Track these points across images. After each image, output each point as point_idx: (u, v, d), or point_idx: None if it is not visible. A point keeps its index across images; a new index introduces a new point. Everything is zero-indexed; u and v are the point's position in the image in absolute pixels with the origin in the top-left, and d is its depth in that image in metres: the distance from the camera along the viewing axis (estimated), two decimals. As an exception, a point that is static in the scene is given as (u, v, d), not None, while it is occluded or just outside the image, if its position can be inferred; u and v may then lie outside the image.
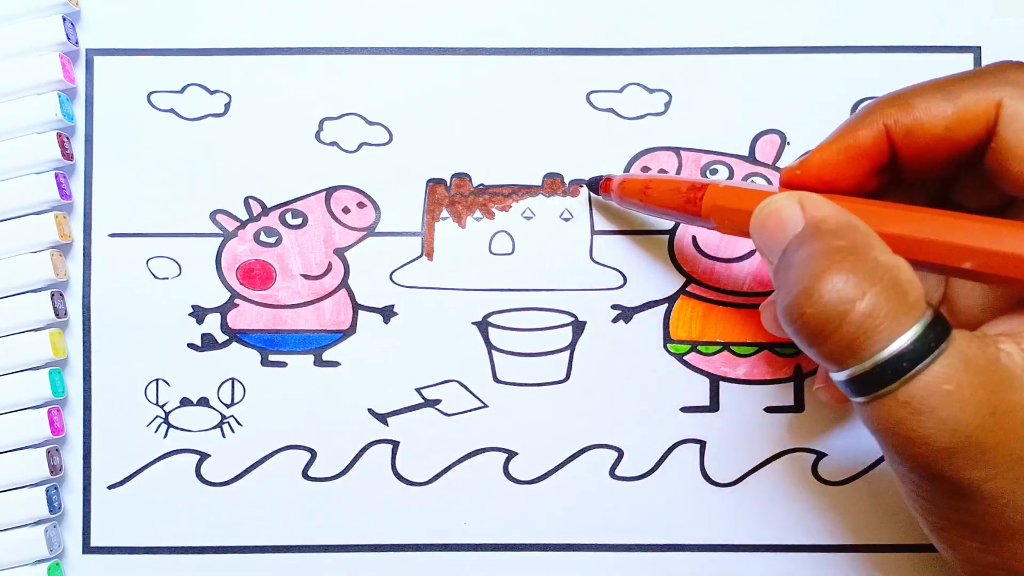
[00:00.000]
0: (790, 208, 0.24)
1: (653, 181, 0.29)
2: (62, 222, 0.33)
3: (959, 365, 0.21)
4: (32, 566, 0.32)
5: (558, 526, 0.33)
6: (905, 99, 0.24)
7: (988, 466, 0.21)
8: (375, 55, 0.33)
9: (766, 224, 0.24)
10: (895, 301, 0.21)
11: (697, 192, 0.27)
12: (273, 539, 0.33)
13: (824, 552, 0.33)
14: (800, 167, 0.26)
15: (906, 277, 0.21)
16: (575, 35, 0.33)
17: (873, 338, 0.21)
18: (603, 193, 0.32)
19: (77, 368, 0.33)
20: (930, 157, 0.24)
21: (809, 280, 0.21)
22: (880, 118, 0.24)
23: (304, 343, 0.33)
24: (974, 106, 0.23)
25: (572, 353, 0.33)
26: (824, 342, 0.21)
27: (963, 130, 0.23)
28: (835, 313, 0.21)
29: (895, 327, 0.21)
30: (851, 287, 0.21)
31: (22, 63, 0.32)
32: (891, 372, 0.21)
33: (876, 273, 0.21)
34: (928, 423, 0.21)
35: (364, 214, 0.33)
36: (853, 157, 0.25)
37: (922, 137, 0.24)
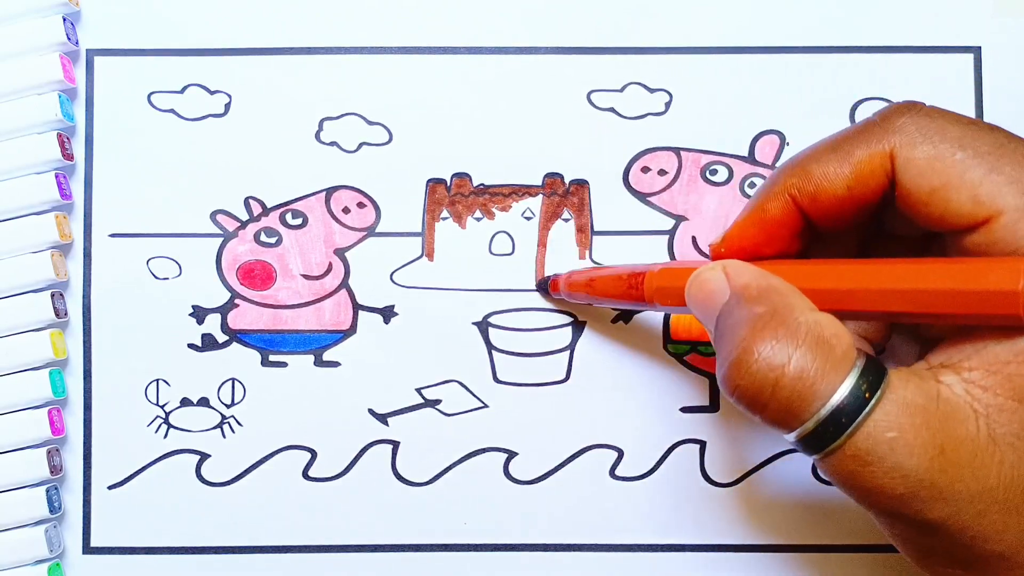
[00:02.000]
0: (716, 278, 0.24)
1: (596, 276, 0.30)
2: (62, 222, 0.33)
3: (898, 410, 0.21)
4: (32, 566, 0.32)
5: (558, 526, 0.33)
6: (803, 167, 0.24)
7: (947, 504, 0.21)
8: (375, 55, 0.33)
9: (697, 296, 0.25)
10: (822, 358, 0.21)
11: (637, 278, 0.28)
12: (273, 539, 0.33)
13: (824, 552, 0.33)
14: (723, 243, 0.26)
15: (830, 332, 0.22)
16: (576, 35, 0.33)
17: (808, 399, 0.21)
18: (552, 291, 0.32)
19: (77, 368, 0.33)
20: (840, 215, 0.24)
21: (737, 352, 0.22)
22: (784, 190, 0.25)
23: (304, 343, 0.33)
24: (868, 162, 0.23)
25: (572, 353, 0.33)
26: (763, 410, 0.22)
27: (863, 186, 0.23)
28: (766, 381, 0.21)
29: (827, 384, 0.21)
30: (776, 353, 0.21)
31: (22, 63, 0.32)
32: (832, 429, 0.21)
33: (799, 334, 0.21)
34: (878, 472, 0.21)
35: (364, 214, 0.33)
36: (768, 229, 0.25)
37: (827, 201, 0.24)
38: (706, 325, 0.25)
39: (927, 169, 0.22)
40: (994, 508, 0.21)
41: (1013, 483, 0.21)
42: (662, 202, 0.33)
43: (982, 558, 0.22)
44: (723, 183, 0.33)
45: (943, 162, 0.22)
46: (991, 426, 0.21)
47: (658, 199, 0.33)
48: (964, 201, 0.22)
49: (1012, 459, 0.21)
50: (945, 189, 0.22)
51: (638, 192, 0.33)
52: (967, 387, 0.21)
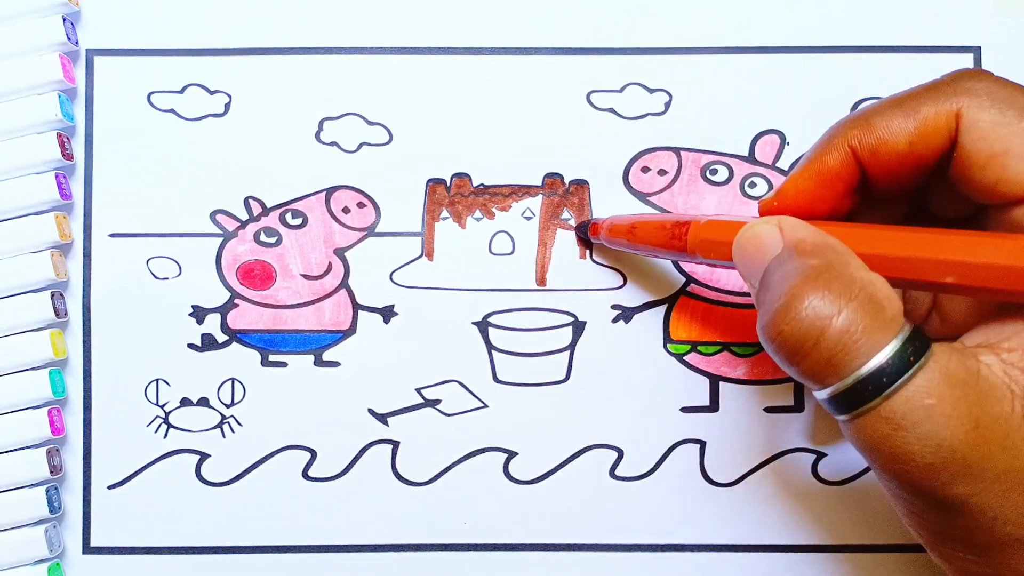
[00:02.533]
0: (769, 232, 0.24)
1: (639, 222, 0.30)
2: (62, 222, 0.33)
3: (940, 379, 0.21)
4: (32, 566, 0.32)
5: (558, 526, 0.33)
6: (867, 119, 0.24)
7: (974, 480, 0.21)
8: (375, 55, 0.33)
9: (747, 249, 0.25)
10: (872, 317, 0.21)
11: (681, 228, 0.28)
12: (273, 539, 0.33)
13: (824, 552, 0.33)
14: (776, 197, 0.26)
15: (883, 293, 0.21)
16: (575, 35, 0.33)
17: (851, 355, 0.21)
18: (592, 236, 0.32)
19: (77, 368, 0.33)
20: (898, 173, 0.24)
21: (786, 298, 0.22)
22: (845, 141, 0.24)
23: (304, 343, 0.33)
24: (934, 119, 0.23)
25: (572, 353, 0.33)
26: (803, 360, 0.21)
27: (926, 144, 0.23)
28: (812, 331, 0.21)
29: (873, 343, 0.21)
30: (827, 304, 0.21)
31: (22, 63, 0.32)
32: (871, 389, 0.21)
33: (852, 290, 0.21)
34: (911, 439, 0.21)
35: (364, 214, 0.33)
36: (825, 182, 0.25)
37: (887, 155, 0.24)
38: (750, 280, 0.25)
39: (990, 133, 0.22)
40: (1019, 489, 0.21)
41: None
42: (662, 202, 0.33)
43: (998, 543, 0.21)
44: (723, 183, 0.33)
45: (1008, 128, 0.22)
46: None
47: (658, 199, 0.33)
48: (1022, 170, 0.22)
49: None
50: (1005, 155, 0.22)
51: (638, 192, 0.33)
52: (1005, 368, 0.21)
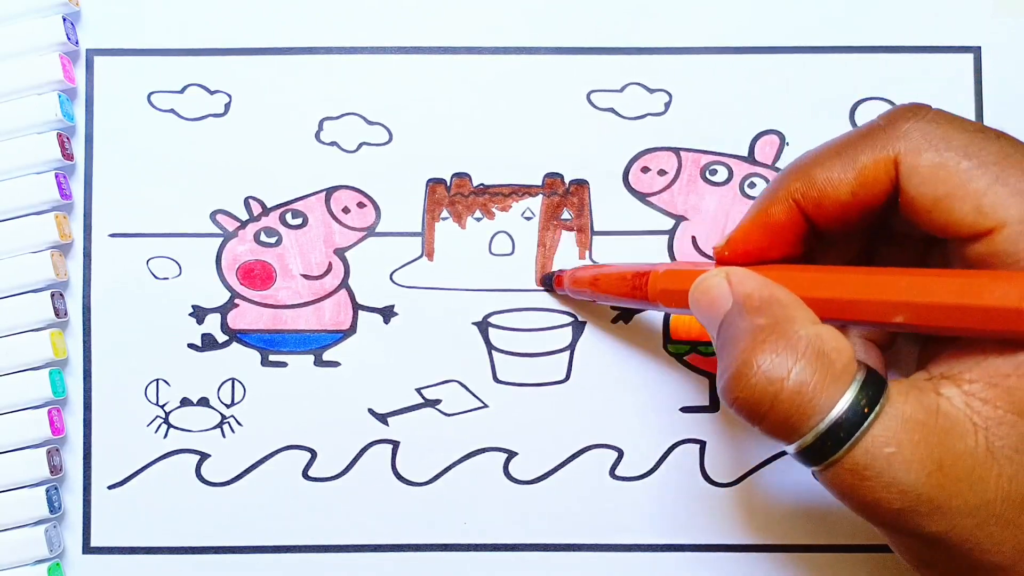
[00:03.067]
0: (719, 285, 0.24)
1: (602, 275, 0.30)
2: (62, 222, 0.33)
3: (897, 425, 0.21)
4: (32, 566, 0.32)
5: (558, 526, 0.33)
6: (807, 172, 0.24)
7: (945, 518, 0.21)
8: (375, 55, 0.33)
9: (701, 302, 0.25)
10: (821, 372, 0.21)
11: (641, 279, 0.28)
12: (273, 539, 0.33)
13: (824, 552, 0.33)
14: (727, 247, 0.26)
15: (831, 345, 0.22)
16: (575, 35, 0.33)
17: (806, 413, 0.21)
18: (556, 287, 0.32)
19: (77, 368, 0.33)
20: (844, 220, 0.24)
21: (737, 364, 0.22)
22: (788, 195, 0.24)
23: (304, 343, 0.33)
24: (873, 168, 0.23)
25: (572, 353, 0.33)
26: (762, 422, 0.22)
27: (868, 192, 0.23)
28: (765, 394, 0.21)
29: (826, 398, 0.21)
30: (776, 366, 0.21)
31: (22, 63, 0.32)
32: (831, 443, 0.21)
33: (799, 348, 0.21)
34: (877, 487, 0.21)
35: (364, 214, 0.33)
36: (771, 233, 0.25)
37: (831, 206, 0.24)
38: (709, 331, 0.25)
39: (931, 177, 0.22)
40: (992, 521, 0.21)
41: (1011, 496, 0.21)
42: (662, 202, 0.33)
43: (981, 569, 0.22)
44: (723, 183, 0.33)
45: (947, 171, 0.22)
46: (990, 439, 0.21)
47: (658, 199, 0.33)
48: (968, 211, 0.22)
49: (1010, 472, 0.21)
50: (949, 199, 0.22)
51: (638, 192, 0.33)
52: (967, 399, 0.21)
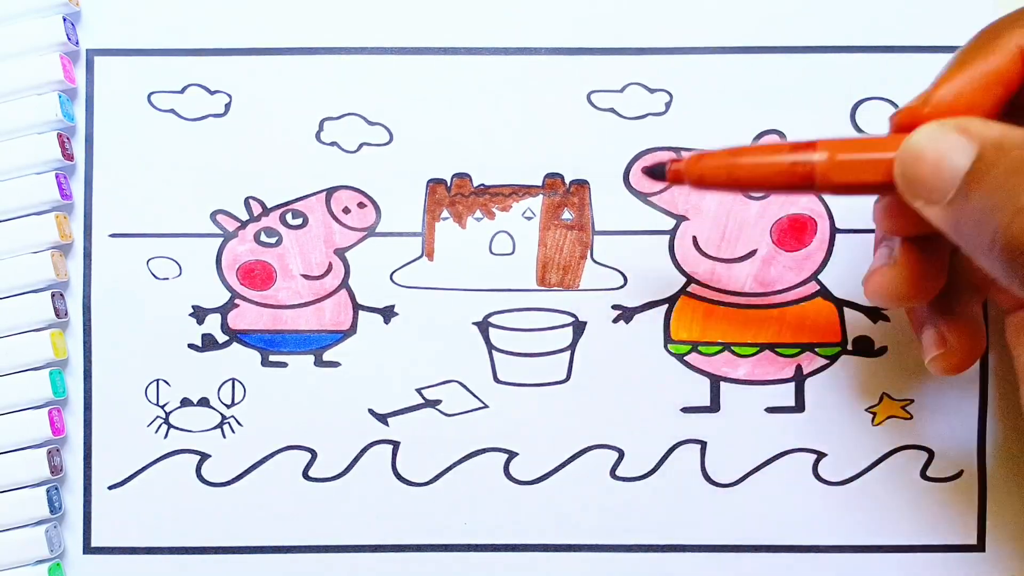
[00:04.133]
0: (950, 139, 0.20)
1: (740, 161, 0.24)
2: (62, 222, 0.33)
3: None
4: (33, 566, 0.32)
5: (559, 526, 0.33)
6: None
7: None
8: (375, 55, 0.33)
9: (922, 168, 0.21)
10: None
11: (803, 164, 0.23)
12: (273, 539, 0.33)
13: (824, 552, 0.33)
14: (926, 103, 0.22)
15: None
16: (576, 35, 0.33)
17: None
18: (673, 181, 0.26)
19: (77, 368, 0.33)
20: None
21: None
22: (1013, 40, 0.21)
23: (304, 343, 0.33)
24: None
25: (572, 353, 0.33)
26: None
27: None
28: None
29: None
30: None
31: (22, 63, 0.32)
32: None
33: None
34: None
35: (364, 214, 0.33)
36: (987, 85, 0.22)
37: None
38: (928, 198, 0.21)
39: None
40: None
41: None
42: (663, 202, 0.33)
43: None
44: (723, 183, 0.33)
45: None
46: None
47: (659, 199, 0.33)
48: None
49: None
50: None
51: (639, 192, 0.33)
52: None
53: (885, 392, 0.33)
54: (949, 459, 0.33)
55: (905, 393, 0.33)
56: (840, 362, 0.33)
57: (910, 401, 0.33)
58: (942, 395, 0.33)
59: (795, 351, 0.33)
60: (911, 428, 0.33)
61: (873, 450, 0.33)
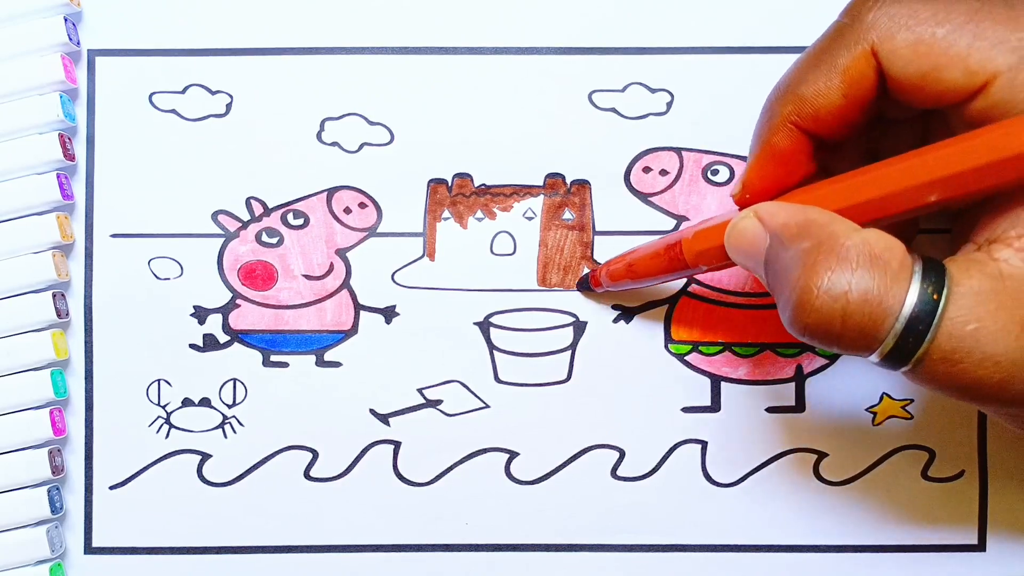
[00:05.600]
0: (751, 226, 0.25)
1: (634, 259, 0.30)
2: (64, 222, 0.33)
3: (970, 300, 0.21)
4: (34, 566, 0.32)
5: (560, 526, 0.33)
6: (794, 91, 0.24)
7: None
8: (376, 55, 0.33)
9: (739, 248, 0.25)
10: (880, 275, 0.21)
11: (674, 250, 0.28)
12: (275, 539, 0.33)
13: (824, 552, 0.33)
14: (744, 189, 0.26)
15: (881, 247, 0.22)
16: (577, 34, 0.33)
17: (879, 318, 0.21)
18: (594, 287, 0.32)
19: (79, 368, 0.33)
20: (845, 123, 0.24)
21: (797, 293, 0.22)
22: (784, 120, 0.25)
23: (306, 343, 0.33)
24: (855, 65, 0.23)
25: (573, 353, 0.33)
26: (838, 340, 0.22)
27: (858, 90, 0.24)
28: (833, 313, 0.21)
29: (893, 298, 0.21)
30: (835, 283, 0.21)
31: (24, 63, 0.32)
32: (912, 339, 0.21)
33: (851, 258, 0.21)
34: (971, 367, 0.21)
35: (365, 214, 0.33)
36: (781, 162, 0.25)
37: (827, 116, 0.24)
38: (755, 272, 0.25)
39: (912, 55, 0.22)
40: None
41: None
42: (663, 202, 0.33)
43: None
44: (724, 183, 0.33)
45: (925, 44, 0.22)
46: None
47: (659, 199, 0.33)
48: (957, 76, 0.22)
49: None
50: (936, 70, 0.22)
51: (639, 192, 0.33)
52: (1021, 255, 0.21)
53: (885, 392, 0.33)
54: (950, 459, 0.33)
55: (905, 393, 0.33)
56: (840, 362, 0.33)
57: (910, 401, 0.33)
58: (943, 395, 0.33)
59: (795, 351, 0.33)
60: (912, 428, 0.33)
61: (874, 450, 0.33)
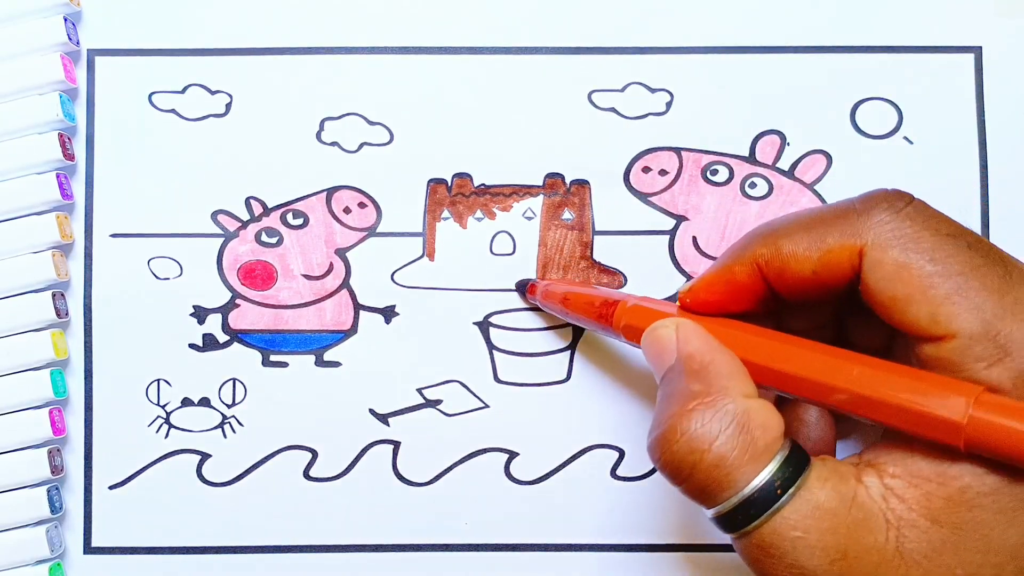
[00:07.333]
0: (668, 337, 0.25)
1: (571, 293, 0.31)
2: (63, 222, 0.33)
3: (807, 511, 0.21)
4: (33, 566, 0.32)
5: (559, 526, 0.33)
6: (775, 240, 0.24)
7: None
8: (375, 55, 0.33)
9: (651, 350, 0.26)
10: (742, 448, 0.22)
11: (608, 308, 0.28)
12: (274, 539, 0.33)
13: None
14: (688, 294, 0.27)
15: (757, 422, 0.22)
16: (577, 34, 0.33)
17: (723, 485, 0.22)
18: (529, 295, 0.33)
19: (78, 368, 0.33)
20: (804, 292, 0.24)
21: (666, 425, 0.23)
22: (753, 258, 0.25)
23: (305, 343, 0.33)
24: (838, 252, 0.23)
25: (573, 353, 0.33)
26: (682, 484, 0.23)
27: (829, 273, 0.23)
28: (686, 461, 0.22)
29: (744, 474, 0.22)
30: (701, 436, 0.22)
31: (23, 63, 0.32)
32: (742, 517, 0.22)
33: (724, 420, 0.22)
34: (780, 566, 0.22)
35: (365, 214, 0.33)
36: (733, 290, 0.25)
37: (791, 278, 0.24)
38: (656, 376, 0.26)
39: (893, 276, 0.22)
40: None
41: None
42: (663, 202, 0.33)
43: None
44: (724, 183, 0.33)
45: (910, 272, 0.22)
46: (900, 540, 0.21)
47: (659, 199, 0.33)
48: (923, 316, 0.22)
49: (917, 575, 0.21)
50: (907, 300, 0.22)
51: (639, 192, 0.33)
52: (885, 493, 0.22)
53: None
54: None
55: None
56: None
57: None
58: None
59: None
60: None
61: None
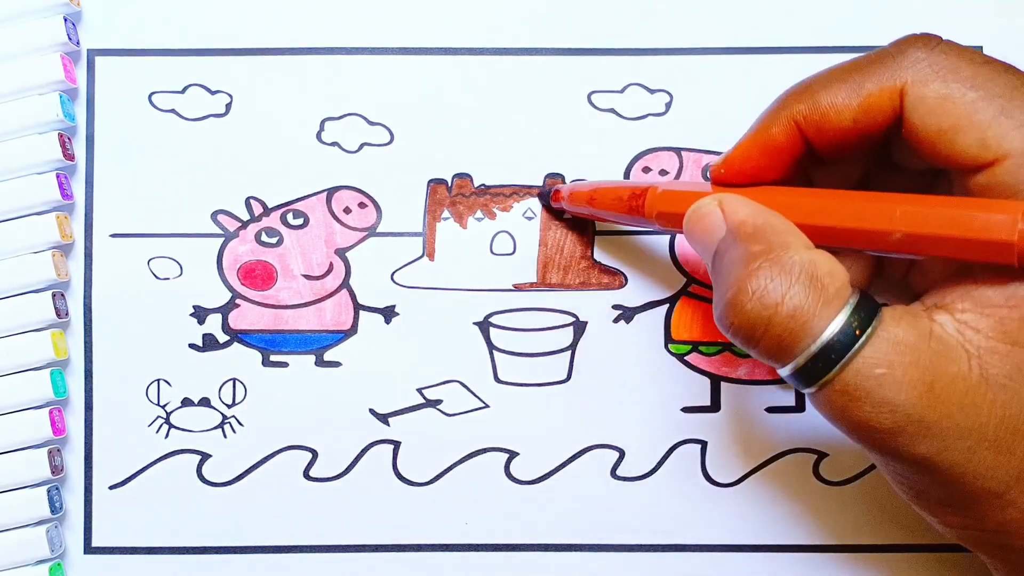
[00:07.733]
0: (713, 213, 0.25)
1: (598, 190, 0.30)
2: (63, 222, 0.33)
3: (888, 347, 0.21)
4: (33, 566, 0.32)
5: (559, 526, 0.33)
6: (812, 94, 0.24)
7: (936, 439, 0.21)
8: (376, 55, 0.33)
9: (695, 230, 0.25)
10: (815, 296, 0.22)
11: (638, 198, 0.28)
12: (274, 539, 0.33)
13: (824, 552, 0.33)
14: (723, 165, 0.26)
15: (824, 270, 0.22)
16: (576, 35, 0.33)
17: (799, 336, 0.22)
18: (554, 202, 0.33)
19: (78, 368, 0.33)
20: (844, 145, 0.24)
21: (733, 291, 0.23)
22: (790, 115, 0.24)
23: (305, 343, 0.33)
24: (878, 96, 0.23)
25: (573, 353, 0.33)
26: (757, 345, 0.23)
27: (870, 120, 0.23)
28: (760, 319, 0.22)
29: (819, 321, 0.22)
30: (770, 292, 0.22)
31: (23, 63, 0.32)
32: (822, 364, 0.22)
33: (793, 272, 0.22)
34: (867, 407, 0.21)
35: (365, 214, 0.33)
36: (770, 152, 0.25)
37: (831, 131, 0.24)
38: (703, 258, 0.25)
39: (937, 109, 0.22)
40: (984, 445, 0.21)
41: (1004, 422, 0.21)
42: (663, 202, 0.33)
43: (973, 497, 0.22)
44: (724, 183, 0.33)
45: (953, 102, 0.22)
46: (983, 367, 0.21)
47: (659, 199, 0.33)
48: (971, 143, 0.22)
49: (1004, 398, 0.21)
50: (953, 130, 0.22)
51: (639, 192, 0.33)
52: (959, 327, 0.22)
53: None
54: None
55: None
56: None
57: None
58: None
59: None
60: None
61: (873, 450, 0.33)
